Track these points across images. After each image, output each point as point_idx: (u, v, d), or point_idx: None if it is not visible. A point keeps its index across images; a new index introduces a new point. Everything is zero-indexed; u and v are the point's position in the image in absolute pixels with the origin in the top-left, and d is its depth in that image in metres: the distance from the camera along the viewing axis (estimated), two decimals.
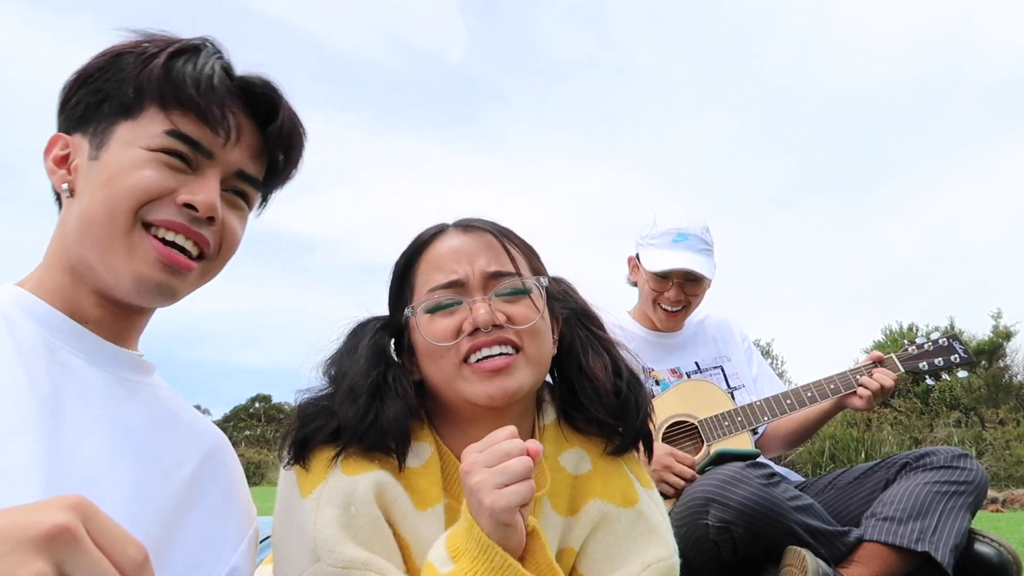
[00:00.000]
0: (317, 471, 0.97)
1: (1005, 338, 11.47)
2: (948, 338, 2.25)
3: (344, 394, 1.00)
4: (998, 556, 1.78)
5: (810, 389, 2.19)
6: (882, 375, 2.14)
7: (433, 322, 1.03)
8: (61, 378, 0.86)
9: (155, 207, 0.88)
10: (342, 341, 1.10)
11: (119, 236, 0.88)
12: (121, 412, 0.90)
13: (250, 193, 0.99)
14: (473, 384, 1.00)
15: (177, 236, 0.90)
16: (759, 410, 2.18)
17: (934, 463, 1.87)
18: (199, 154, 0.91)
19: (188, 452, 0.95)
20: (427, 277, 1.06)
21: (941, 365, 2.21)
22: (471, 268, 1.04)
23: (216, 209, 0.91)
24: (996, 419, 10.02)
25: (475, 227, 1.10)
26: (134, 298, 0.90)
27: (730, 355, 2.42)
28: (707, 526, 1.69)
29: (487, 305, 1.01)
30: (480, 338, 1.00)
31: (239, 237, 0.99)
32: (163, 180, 0.89)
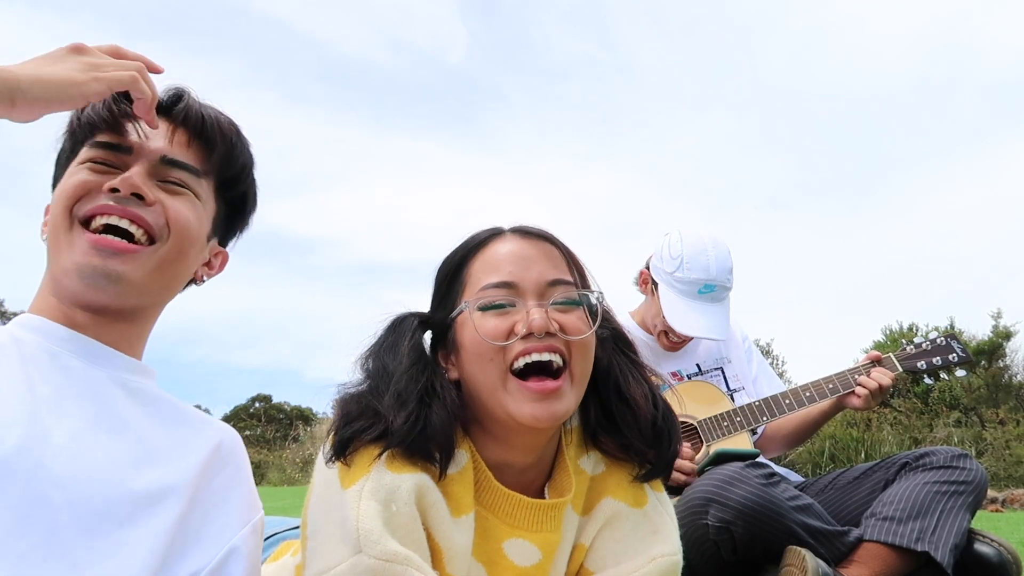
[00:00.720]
0: (360, 465, 0.96)
1: (1005, 338, 11.47)
2: (946, 337, 2.26)
3: (392, 399, 0.99)
4: (998, 556, 1.78)
5: (808, 389, 2.19)
6: (880, 374, 2.14)
7: (486, 320, 1.01)
8: (62, 379, 0.92)
9: (85, 201, 0.97)
10: (380, 335, 1.08)
11: (62, 237, 0.96)
12: (123, 406, 0.96)
13: (186, 179, 1.03)
14: (520, 403, 0.98)
15: (110, 218, 0.96)
16: (758, 410, 2.18)
17: (934, 463, 1.88)
18: (121, 153, 1.00)
19: (196, 443, 0.99)
20: (481, 276, 1.05)
21: (939, 364, 2.21)
22: (527, 273, 1.03)
23: (138, 186, 0.96)
24: (996, 419, 10.02)
25: (534, 234, 1.09)
26: (84, 290, 0.96)
27: (731, 356, 2.42)
28: (707, 526, 1.69)
29: (543, 311, 1.00)
30: (532, 343, 0.99)
31: (188, 217, 1.02)
32: (92, 179, 0.98)
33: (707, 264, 2.22)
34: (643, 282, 2.41)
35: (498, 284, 1.02)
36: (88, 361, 0.96)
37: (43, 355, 0.93)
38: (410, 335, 1.06)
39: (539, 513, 1.05)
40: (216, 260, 1.16)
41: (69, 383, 0.92)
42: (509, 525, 1.04)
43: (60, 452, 0.86)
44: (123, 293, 0.97)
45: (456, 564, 0.98)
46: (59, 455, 0.85)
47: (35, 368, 0.91)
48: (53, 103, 0.89)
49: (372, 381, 1.03)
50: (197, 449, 0.98)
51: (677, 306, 2.21)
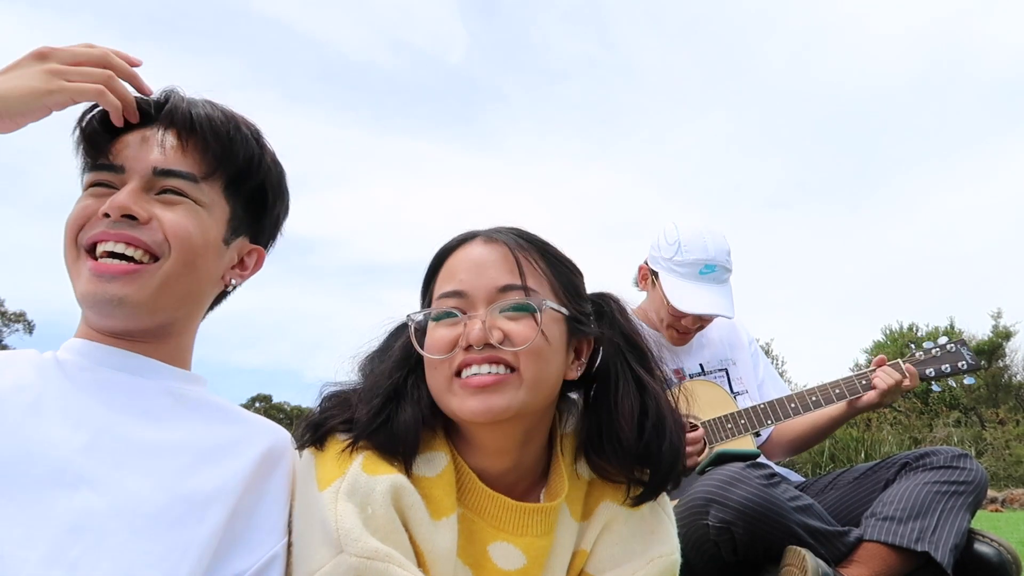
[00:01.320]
0: (333, 464, 0.97)
1: (1005, 338, 11.48)
2: (956, 344, 2.24)
3: (365, 392, 1.02)
4: (998, 556, 1.78)
5: (815, 393, 2.18)
6: (892, 373, 2.14)
7: (434, 331, 1.02)
8: (106, 393, 0.95)
9: (86, 229, 0.97)
10: (382, 340, 1.10)
11: (71, 266, 0.99)
12: (170, 413, 0.97)
13: (182, 187, 1.01)
14: (461, 399, 0.98)
15: (107, 244, 0.97)
16: (763, 413, 2.17)
17: (934, 463, 1.87)
18: (115, 173, 0.99)
19: (246, 446, 1.00)
20: (441, 284, 1.05)
21: (949, 371, 2.20)
22: (479, 280, 1.01)
23: (126, 206, 0.95)
24: (996, 419, 10.02)
25: (496, 238, 1.06)
26: (97, 318, 0.98)
27: (735, 359, 2.40)
28: (707, 526, 1.69)
29: (481, 322, 0.98)
30: (472, 354, 0.98)
31: (187, 228, 1.00)
32: (90, 204, 0.98)
33: (705, 245, 2.22)
34: (643, 278, 2.38)
35: (449, 293, 1.02)
36: (132, 373, 0.98)
37: (86, 372, 0.96)
38: (404, 339, 1.07)
39: (524, 516, 1.04)
40: (249, 260, 1.13)
41: (114, 395, 0.94)
42: (494, 527, 1.04)
43: (106, 461, 0.88)
44: (131, 315, 0.97)
45: (440, 566, 0.98)
46: (104, 464, 0.87)
47: (79, 384, 0.94)
48: (17, 117, 0.90)
49: (360, 380, 1.06)
50: (247, 452, 0.99)
51: (680, 288, 2.19)
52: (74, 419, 0.89)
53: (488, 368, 0.98)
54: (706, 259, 2.20)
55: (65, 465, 0.85)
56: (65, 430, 0.88)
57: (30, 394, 0.90)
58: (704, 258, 2.20)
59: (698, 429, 2.17)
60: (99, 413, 0.91)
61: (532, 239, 1.08)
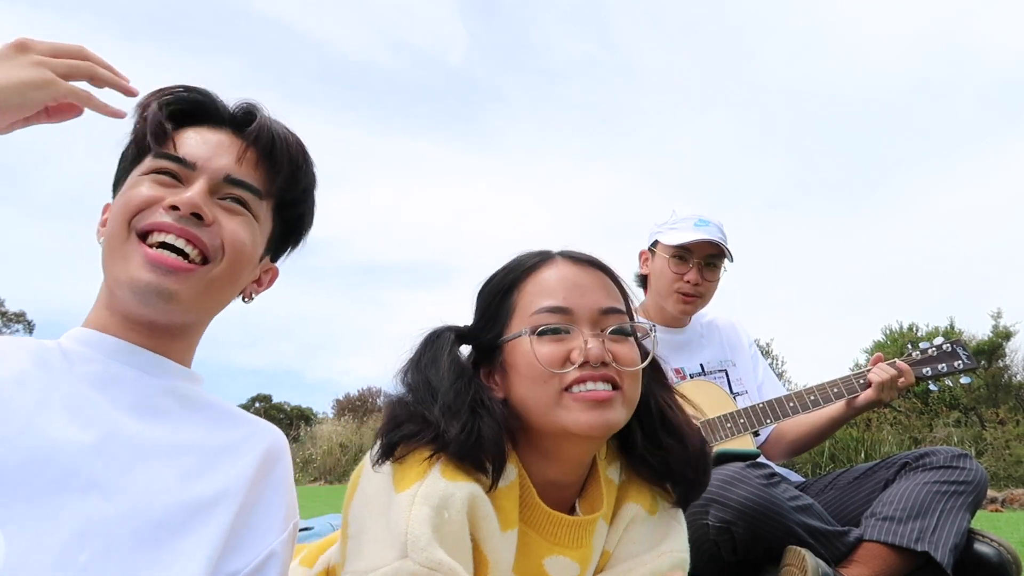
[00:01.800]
0: (414, 469, 0.95)
1: (1005, 338, 11.47)
2: (953, 344, 2.25)
3: (443, 410, 0.99)
4: (998, 556, 1.78)
5: (813, 392, 2.18)
6: (888, 368, 2.14)
7: (542, 345, 1.02)
8: (115, 391, 0.94)
9: (145, 214, 0.96)
10: (418, 349, 1.09)
11: (118, 248, 0.96)
12: (177, 414, 0.97)
13: (247, 199, 1.02)
14: (574, 413, 0.99)
15: (167, 236, 0.95)
16: (762, 412, 2.18)
17: (934, 463, 1.88)
18: (184, 167, 0.99)
19: (248, 448, 1.00)
20: (534, 299, 1.05)
21: (945, 371, 2.21)
22: (582, 300, 1.04)
23: (198, 206, 0.95)
24: (996, 419, 10.02)
25: (585, 261, 1.09)
26: (136, 306, 0.96)
27: (735, 360, 2.41)
28: (707, 526, 1.69)
29: (599, 340, 1.01)
30: (588, 371, 1.00)
31: (243, 239, 1.01)
32: (153, 192, 0.97)
33: (697, 212, 2.34)
34: (644, 261, 2.42)
35: (553, 309, 1.03)
36: (141, 370, 0.97)
37: (94, 367, 0.94)
38: (448, 350, 1.06)
39: (578, 530, 1.07)
40: (266, 277, 1.15)
41: (122, 394, 0.94)
42: (551, 542, 1.05)
43: (114, 464, 0.87)
44: (173, 311, 0.97)
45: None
46: (113, 467, 0.87)
47: (87, 381, 0.92)
48: (13, 110, 0.86)
49: (415, 393, 1.03)
50: (249, 454, 0.99)
51: (677, 234, 2.29)
52: (83, 418, 0.88)
53: (603, 384, 1.00)
54: (699, 215, 2.32)
55: (75, 468, 0.84)
56: (74, 429, 0.87)
57: (35, 387, 0.88)
58: (698, 215, 2.32)
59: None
60: (106, 411, 0.90)
61: (606, 264, 1.12)
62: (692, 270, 2.25)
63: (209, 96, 1.05)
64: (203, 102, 1.04)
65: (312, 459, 13.36)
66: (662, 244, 2.31)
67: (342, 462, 13.04)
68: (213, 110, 1.05)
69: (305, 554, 1.20)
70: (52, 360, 0.93)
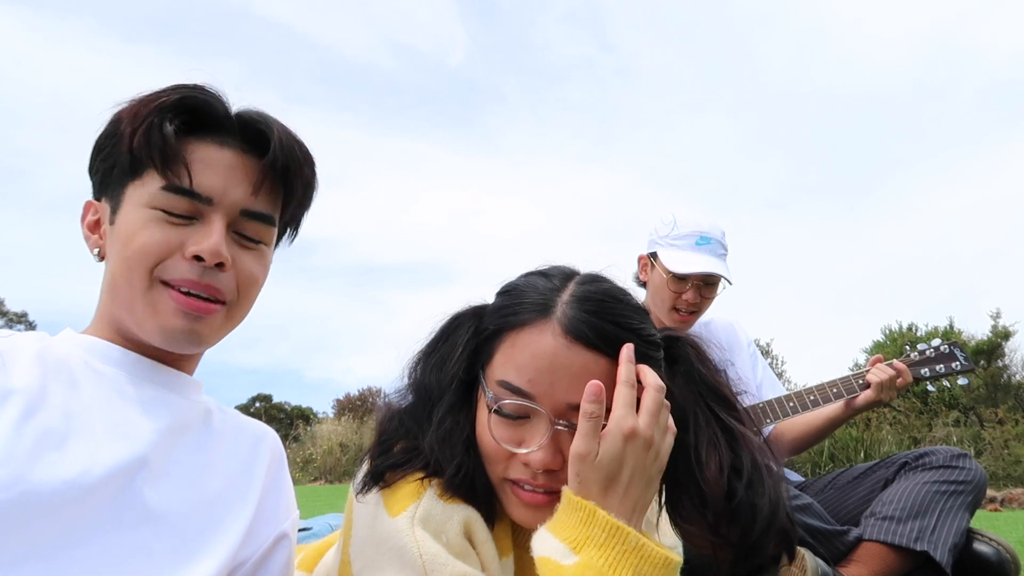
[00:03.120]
0: (405, 491, 0.90)
1: (1004, 338, 11.48)
2: (950, 345, 2.26)
3: (437, 441, 0.92)
4: (997, 555, 1.78)
5: (812, 392, 2.19)
6: (886, 369, 2.14)
7: (495, 422, 0.91)
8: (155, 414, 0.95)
9: (167, 266, 0.92)
10: (434, 338, 1.00)
11: (139, 296, 0.92)
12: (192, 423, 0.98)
13: (262, 230, 0.99)
14: (512, 505, 0.93)
15: (192, 289, 0.93)
16: (761, 412, 2.18)
17: (933, 463, 1.88)
18: (199, 203, 0.93)
19: (258, 449, 1.04)
20: (504, 363, 0.91)
21: (942, 372, 2.22)
22: (550, 389, 0.88)
23: (222, 254, 0.92)
24: (995, 419, 10.02)
25: (577, 340, 0.88)
26: (162, 345, 0.95)
27: (734, 360, 2.40)
28: None
29: (551, 443, 0.88)
30: (528, 476, 0.90)
31: (257, 276, 1.00)
32: (168, 237, 0.92)
33: (698, 220, 2.28)
34: (643, 267, 2.39)
35: (514, 389, 0.89)
36: (168, 389, 0.97)
37: (110, 379, 0.93)
38: (460, 352, 0.96)
39: None
40: None
41: (160, 416, 0.94)
42: None
43: (163, 493, 0.89)
44: (197, 347, 0.98)
45: None
46: (162, 496, 0.89)
47: (128, 400, 0.92)
48: None
49: (415, 398, 0.97)
50: (261, 457, 1.04)
51: (678, 256, 2.23)
52: (129, 444, 0.88)
53: (543, 490, 0.90)
54: (701, 232, 2.25)
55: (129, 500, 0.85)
56: (120, 454, 0.86)
57: (73, 406, 0.86)
58: (699, 231, 2.25)
59: None
60: (151, 438, 0.90)
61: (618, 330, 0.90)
62: (690, 290, 2.23)
63: (214, 99, 0.97)
64: (209, 109, 0.96)
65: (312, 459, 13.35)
66: (661, 263, 2.26)
67: (342, 462, 13.03)
68: (220, 117, 0.97)
69: (303, 556, 1.19)
70: (85, 376, 0.91)
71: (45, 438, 0.81)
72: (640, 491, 0.85)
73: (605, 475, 0.83)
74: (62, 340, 0.95)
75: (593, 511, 0.81)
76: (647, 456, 0.85)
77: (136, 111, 0.93)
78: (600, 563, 0.79)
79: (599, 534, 0.80)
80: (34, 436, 0.80)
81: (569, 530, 0.82)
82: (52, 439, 0.82)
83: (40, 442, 0.80)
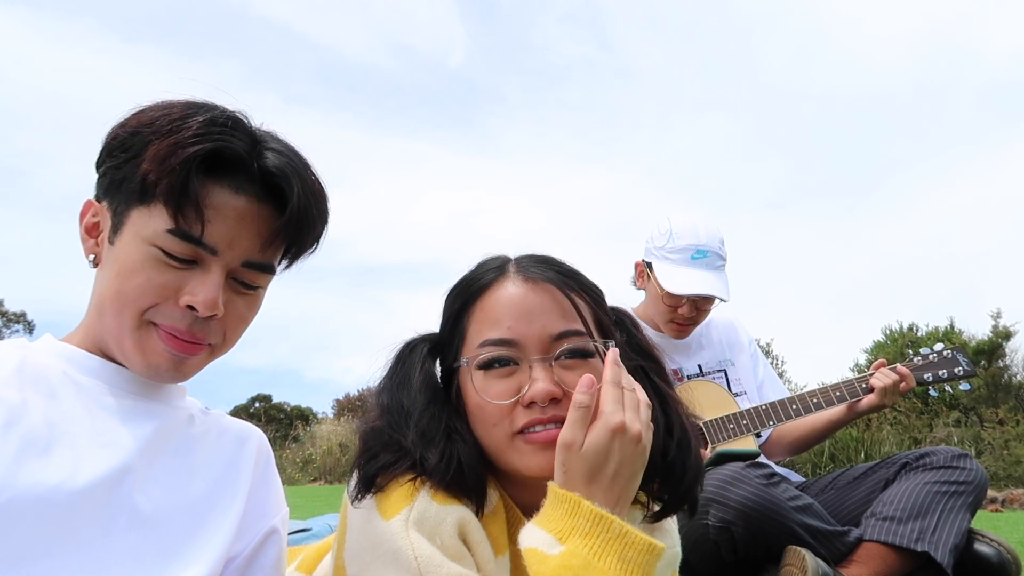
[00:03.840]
0: (398, 494, 0.91)
1: (1004, 338, 11.47)
2: (953, 350, 2.27)
3: (417, 437, 0.93)
4: (997, 556, 1.78)
5: (816, 395, 2.19)
6: (890, 374, 2.15)
7: (487, 382, 0.95)
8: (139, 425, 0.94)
9: (160, 310, 0.91)
10: (391, 366, 1.03)
11: (128, 333, 0.91)
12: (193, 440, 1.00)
13: (261, 278, 0.98)
14: (526, 456, 0.93)
15: (180, 336, 0.92)
16: (764, 414, 2.18)
17: (934, 463, 1.88)
18: (203, 251, 0.91)
19: (244, 450, 1.05)
20: (480, 328, 0.97)
21: (945, 377, 2.24)
22: (530, 328, 0.95)
23: (217, 307, 0.91)
24: (995, 419, 10.01)
25: (537, 277, 0.98)
26: (149, 379, 0.96)
27: (735, 359, 2.40)
28: (707, 526, 1.69)
29: (547, 375, 0.93)
30: (536, 414, 0.92)
31: (247, 319, 1.00)
32: (165, 282, 0.90)
33: (695, 231, 2.23)
34: (639, 274, 2.39)
35: (497, 341, 0.95)
36: (151, 399, 0.97)
37: (90, 389, 0.93)
38: (420, 367, 1.00)
39: None
40: None
41: (144, 427, 0.94)
42: None
43: (153, 501, 0.90)
44: (178, 381, 0.98)
45: None
46: (153, 505, 0.90)
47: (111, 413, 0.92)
48: None
49: (389, 417, 0.98)
50: (247, 456, 1.05)
51: (673, 273, 2.21)
52: (112, 452, 0.88)
53: (553, 425, 0.92)
54: (697, 244, 2.22)
55: (116, 505, 0.86)
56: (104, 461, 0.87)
57: (54, 416, 0.86)
58: (695, 243, 2.22)
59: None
60: (134, 445, 0.91)
61: (570, 272, 1.02)
62: (685, 306, 2.22)
63: (245, 143, 0.92)
64: (235, 158, 0.91)
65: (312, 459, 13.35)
66: (656, 278, 2.24)
67: (342, 462, 13.03)
68: (244, 162, 0.92)
69: (304, 558, 1.19)
70: (63, 387, 0.90)
71: (28, 445, 0.81)
72: (624, 484, 0.88)
73: (590, 467, 0.86)
74: (41, 349, 0.94)
75: (578, 502, 0.84)
76: (635, 451, 0.88)
77: (161, 148, 0.88)
78: (585, 551, 0.82)
79: (584, 524, 0.84)
80: (17, 444, 0.81)
81: (555, 522, 0.85)
82: (36, 446, 0.82)
83: (24, 449, 0.81)
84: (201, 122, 0.89)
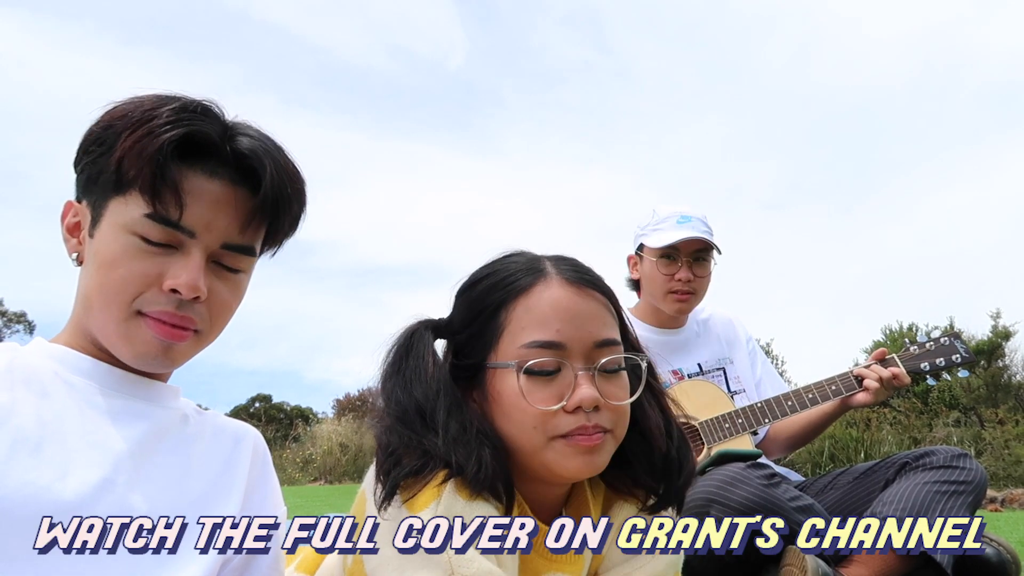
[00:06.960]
0: (426, 495, 0.90)
1: (1004, 338, 11.48)
2: (949, 337, 2.25)
3: (450, 443, 0.92)
4: (997, 556, 1.78)
5: (811, 390, 2.19)
6: (880, 370, 2.14)
7: (532, 386, 0.94)
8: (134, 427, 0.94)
9: (145, 298, 0.92)
10: (396, 353, 1.02)
11: (115, 324, 0.92)
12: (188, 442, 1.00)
13: (242, 260, 0.98)
14: (563, 458, 0.95)
15: (167, 320, 0.93)
16: (760, 412, 2.18)
17: (934, 463, 1.88)
18: (181, 234, 0.91)
19: (242, 449, 1.06)
20: (524, 328, 0.97)
21: (943, 365, 2.21)
22: (577, 333, 0.96)
23: (199, 289, 0.92)
24: (995, 419, 10.02)
25: (583, 284, 0.99)
26: (139, 368, 0.96)
27: (733, 357, 2.40)
28: None
29: (592, 383, 0.95)
30: (581, 420, 0.94)
31: (231, 304, 1.00)
32: (146, 269, 0.91)
33: (678, 207, 2.31)
34: (632, 266, 2.41)
35: (545, 344, 0.95)
36: (150, 402, 0.98)
37: (81, 390, 0.93)
38: (431, 360, 1.00)
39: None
40: None
41: (137, 428, 0.94)
42: (547, 560, 1.04)
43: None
44: (167, 369, 0.99)
45: None
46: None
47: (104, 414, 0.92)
48: None
49: (405, 417, 0.97)
50: (243, 457, 1.05)
51: (661, 235, 2.26)
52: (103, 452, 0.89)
53: (595, 431, 0.95)
54: (681, 212, 2.29)
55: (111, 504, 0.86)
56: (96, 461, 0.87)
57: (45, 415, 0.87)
58: (679, 211, 2.29)
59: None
60: (125, 446, 0.91)
61: (603, 283, 1.04)
62: (682, 268, 2.24)
63: (215, 128, 0.94)
64: (207, 142, 0.93)
65: (312, 459, 13.35)
66: (648, 247, 2.28)
67: (342, 462, 13.03)
68: (216, 146, 0.93)
69: (304, 558, 1.18)
70: (57, 389, 0.91)
71: (19, 444, 0.82)
72: None
73: None
74: (32, 351, 0.95)
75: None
76: None
77: (134, 138, 0.89)
78: None
79: None
80: (8, 442, 0.81)
81: None
82: (26, 445, 0.82)
83: (15, 447, 0.81)
84: (172, 109, 0.91)
